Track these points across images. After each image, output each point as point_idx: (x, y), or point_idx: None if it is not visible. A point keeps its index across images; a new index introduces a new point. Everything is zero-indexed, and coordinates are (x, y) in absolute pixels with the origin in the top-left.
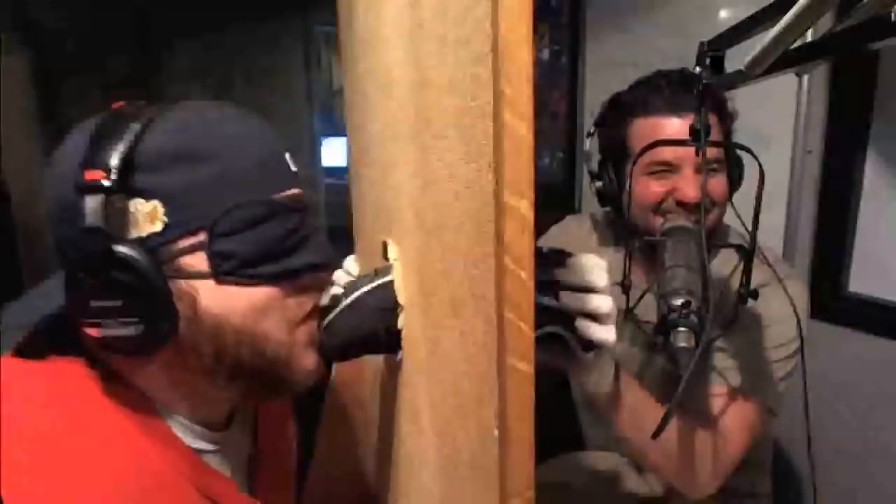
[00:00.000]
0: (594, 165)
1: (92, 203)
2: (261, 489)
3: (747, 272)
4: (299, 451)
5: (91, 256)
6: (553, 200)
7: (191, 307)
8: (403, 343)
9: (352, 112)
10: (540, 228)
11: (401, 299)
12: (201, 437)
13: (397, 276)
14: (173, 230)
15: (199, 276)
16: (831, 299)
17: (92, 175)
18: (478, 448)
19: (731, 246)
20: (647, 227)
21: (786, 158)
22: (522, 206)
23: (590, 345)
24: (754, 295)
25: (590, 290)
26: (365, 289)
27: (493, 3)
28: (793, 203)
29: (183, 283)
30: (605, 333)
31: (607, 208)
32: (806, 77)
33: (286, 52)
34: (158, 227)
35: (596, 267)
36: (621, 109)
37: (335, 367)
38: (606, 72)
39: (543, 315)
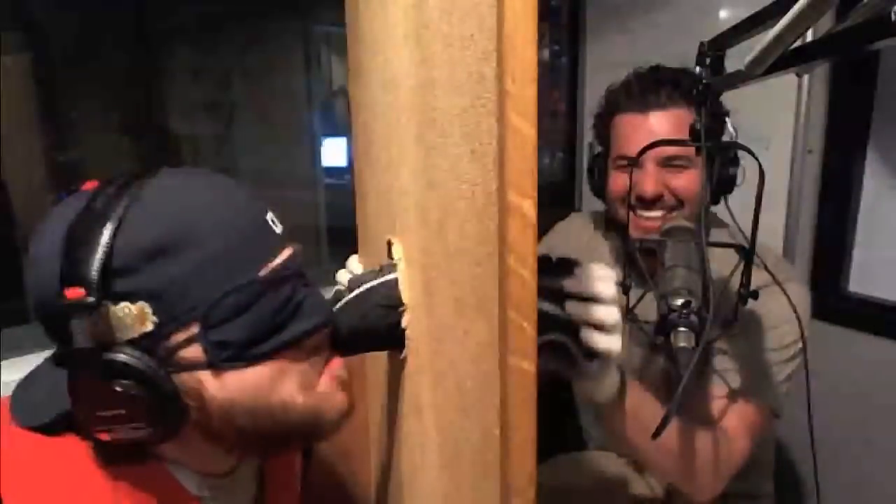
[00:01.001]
0: (593, 162)
1: (78, 323)
2: None
3: (747, 272)
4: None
5: (87, 372)
6: (553, 200)
7: (197, 398)
8: (407, 341)
9: (357, 111)
10: (541, 228)
11: (405, 298)
12: (206, 486)
13: (402, 274)
14: (165, 327)
15: (199, 366)
16: (831, 299)
17: (73, 294)
18: (480, 446)
19: (731, 246)
20: (621, 220)
21: (786, 158)
22: (526, 205)
23: (592, 354)
24: (754, 295)
25: (596, 300)
26: (369, 285)
27: (497, 2)
28: (793, 203)
29: (185, 375)
30: (609, 343)
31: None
32: (806, 77)
33: (286, 52)
34: (149, 326)
35: (603, 277)
36: (605, 107)
37: None
38: (606, 72)
39: (547, 323)
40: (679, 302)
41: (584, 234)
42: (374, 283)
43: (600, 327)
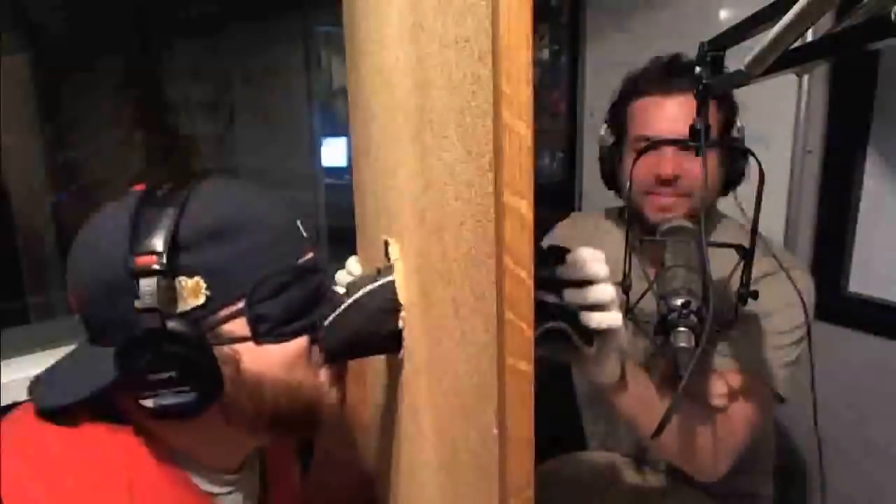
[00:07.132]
0: (605, 152)
1: (146, 285)
2: None
3: (747, 272)
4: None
5: (147, 333)
6: (553, 200)
7: (234, 369)
8: (404, 343)
9: (355, 112)
10: (542, 229)
11: (402, 299)
12: (217, 482)
13: (398, 275)
14: (215, 301)
15: (241, 340)
16: (831, 299)
17: (143, 260)
18: (478, 447)
19: (731, 246)
20: (641, 209)
21: (786, 158)
22: (522, 206)
23: (591, 338)
24: (754, 295)
25: (590, 282)
26: (367, 289)
27: (493, 3)
28: (793, 203)
29: (225, 348)
30: (610, 319)
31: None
32: (806, 77)
33: (286, 52)
34: (201, 300)
35: (594, 259)
36: (622, 95)
37: None
38: (606, 72)
39: (547, 312)
40: (679, 302)
41: (588, 232)
42: (373, 286)
43: (598, 307)
